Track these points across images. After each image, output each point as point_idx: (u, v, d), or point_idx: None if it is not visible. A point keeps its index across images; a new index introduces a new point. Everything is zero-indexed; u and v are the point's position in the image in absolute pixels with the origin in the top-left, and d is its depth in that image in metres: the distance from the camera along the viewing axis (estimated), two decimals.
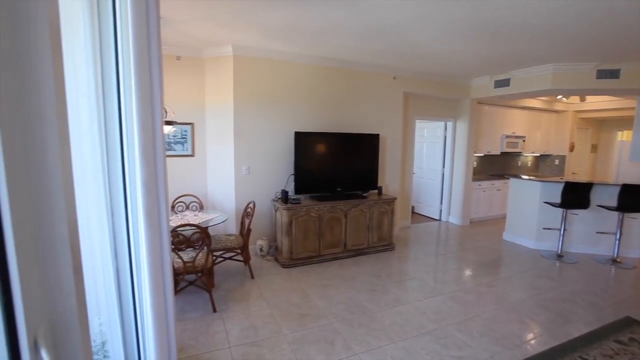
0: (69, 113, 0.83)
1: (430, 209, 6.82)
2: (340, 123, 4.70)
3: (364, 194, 4.65)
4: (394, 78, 5.10)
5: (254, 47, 4.01)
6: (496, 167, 7.32)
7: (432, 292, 3.48)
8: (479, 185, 6.43)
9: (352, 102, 4.81)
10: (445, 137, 6.39)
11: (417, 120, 5.91)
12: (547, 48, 3.81)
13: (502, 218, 5.92)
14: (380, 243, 4.58)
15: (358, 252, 4.42)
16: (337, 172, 4.50)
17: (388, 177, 5.30)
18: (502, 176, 6.76)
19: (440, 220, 6.59)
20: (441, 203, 6.58)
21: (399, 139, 5.35)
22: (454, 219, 6.37)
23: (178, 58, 4.11)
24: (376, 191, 4.75)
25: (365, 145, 4.67)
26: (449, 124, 6.29)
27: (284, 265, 3.98)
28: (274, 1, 2.74)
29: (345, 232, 4.29)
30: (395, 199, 4.68)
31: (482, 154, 6.81)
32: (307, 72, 4.45)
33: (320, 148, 4.41)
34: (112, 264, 1.68)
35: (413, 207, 6.79)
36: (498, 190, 6.70)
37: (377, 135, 4.74)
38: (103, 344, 1.69)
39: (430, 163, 6.77)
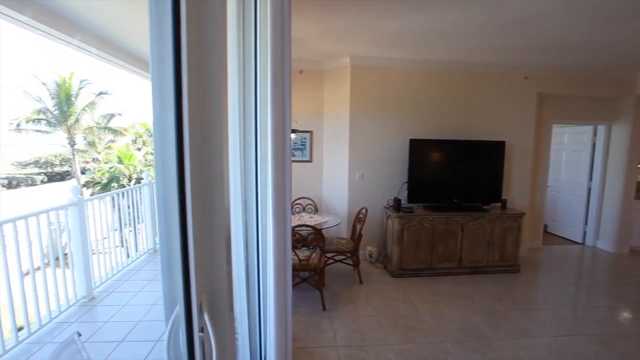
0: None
1: (570, 229, 5.73)
2: (458, 129, 4.40)
3: (485, 207, 4.22)
4: (526, 78, 4.50)
5: (370, 56, 4.11)
6: None
7: (570, 329, 2.92)
8: None
9: (473, 106, 4.44)
10: (594, 144, 5.29)
11: (554, 125, 5.07)
12: None
13: None
14: (502, 263, 4.08)
15: (475, 270, 4.03)
16: (454, 181, 4.21)
17: (514, 190, 4.69)
18: None
19: (583, 244, 5.47)
20: (586, 224, 5.46)
21: (529, 146, 4.68)
22: (605, 244, 5.20)
23: (301, 72, 4.52)
24: (499, 204, 4.26)
25: (487, 154, 4.25)
26: (600, 128, 5.19)
27: (393, 274, 3.92)
28: (390, 11, 2.77)
29: (461, 247, 3.97)
30: (522, 214, 4.11)
31: None
32: (422, 77, 4.32)
33: (436, 156, 4.21)
34: (243, 253, 1.95)
35: (546, 226, 5.82)
36: None
37: (503, 142, 4.25)
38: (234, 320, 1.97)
39: (571, 175, 5.70)
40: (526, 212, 4.37)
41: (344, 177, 4.37)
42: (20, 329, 2.64)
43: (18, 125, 16.18)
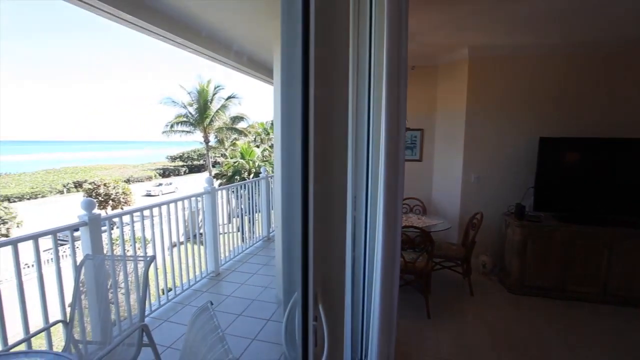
0: None
1: None
2: (606, 126, 3.55)
3: None
4: None
5: (493, 46, 3.67)
6: None
7: None
8: None
9: (631, 96, 3.53)
10: None
11: None
12: None
13: None
14: None
15: (628, 302, 3.22)
16: (599, 188, 3.44)
17: None
18: None
19: None
20: None
21: None
22: None
23: (412, 68, 4.34)
24: None
25: None
26: None
27: (512, 290, 3.45)
28: None
29: (608, 269, 3.23)
30: None
31: None
32: (557, 65, 3.64)
33: (574, 157, 3.52)
34: (350, 250, 1.98)
35: None
36: None
37: None
38: None
39: None
40: None
41: (456, 178, 4.04)
42: (169, 290, 3.26)
43: (171, 127, 19.98)
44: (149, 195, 28.10)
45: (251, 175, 15.38)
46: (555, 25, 3.10)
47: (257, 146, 19.96)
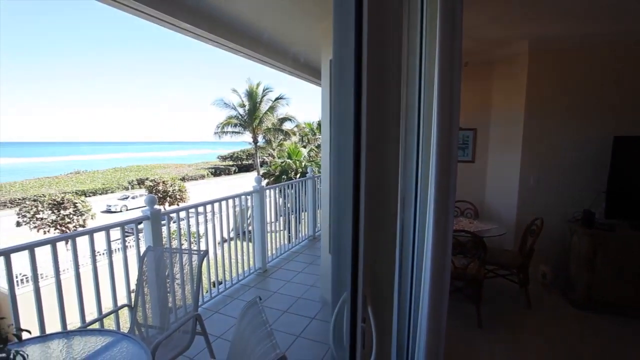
0: None
1: None
2: None
3: None
4: None
5: (557, 37, 3.36)
6: None
7: None
8: None
9: None
10: None
11: None
12: None
13: None
14: None
15: None
16: None
17: None
18: None
19: None
20: None
21: None
22: None
23: (465, 64, 4.13)
24: None
25: None
26: None
27: (576, 305, 3.14)
28: None
29: None
30: None
31: None
32: (633, 55, 3.25)
33: None
34: (397, 253, 1.92)
35: None
36: None
37: None
38: None
39: None
40: None
41: (513, 181, 3.76)
42: (219, 283, 3.43)
43: (222, 128, 21.04)
44: (108, 211, 22.24)
45: (298, 175, 15.63)
46: (633, 9, 2.76)
47: (304, 146, 20.28)
